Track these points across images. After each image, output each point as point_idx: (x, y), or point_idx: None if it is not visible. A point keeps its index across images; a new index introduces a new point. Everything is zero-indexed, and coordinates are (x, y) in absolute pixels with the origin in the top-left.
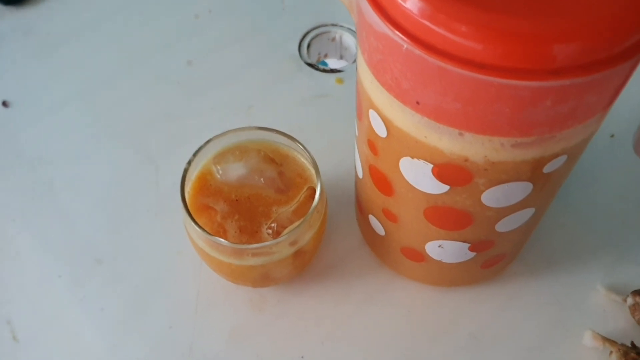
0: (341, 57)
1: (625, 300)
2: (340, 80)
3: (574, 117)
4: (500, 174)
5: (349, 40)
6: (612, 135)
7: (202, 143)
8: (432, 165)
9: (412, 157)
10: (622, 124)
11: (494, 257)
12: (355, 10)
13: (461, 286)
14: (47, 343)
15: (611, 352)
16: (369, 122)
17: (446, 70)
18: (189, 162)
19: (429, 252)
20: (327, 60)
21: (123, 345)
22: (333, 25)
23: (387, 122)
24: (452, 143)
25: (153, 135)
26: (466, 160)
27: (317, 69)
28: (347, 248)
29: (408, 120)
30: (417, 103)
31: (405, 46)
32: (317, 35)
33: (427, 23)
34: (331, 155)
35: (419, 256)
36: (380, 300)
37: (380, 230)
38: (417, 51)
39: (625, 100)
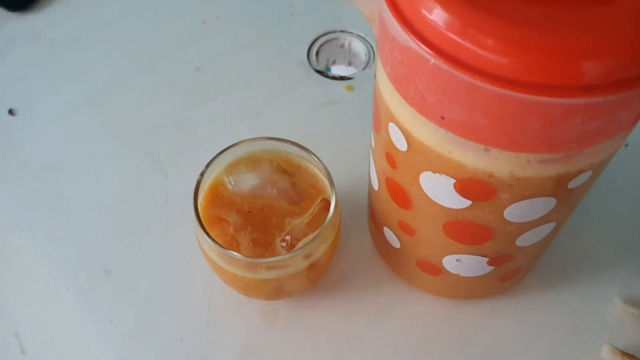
0: (350, 64)
1: None
2: (350, 88)
3: (604, 133)
4: (524, 190)
5: (358, 47)
6: (627, 145)
7: (210, 150)
8: (454, 181)
9: (434, 172)
10: (636, 133)
11: (512, 270)
12: (377, 22)
13: (477, 299)
14: (56, 356)
15: None
16: (388, 135)
17: (474, 85)
18: (202, 174)
19: (446, 266)
20: (335, 67)
21: (133, 358)
22: (342, 31)
23: (408, 136)
24: (476, 159)
25: (161, 142)
26: (491, 176)
27: (326, 76)
28: (359, 260)
29: (431, 135)
30: (442, 118)
31: (432, 61)
32: (326, 42)
33: (456, 37)
34: (341, 163)
35: (436, 270)
36: (394, 313)
37: (396, 243)
38: (445, 66)
39: None
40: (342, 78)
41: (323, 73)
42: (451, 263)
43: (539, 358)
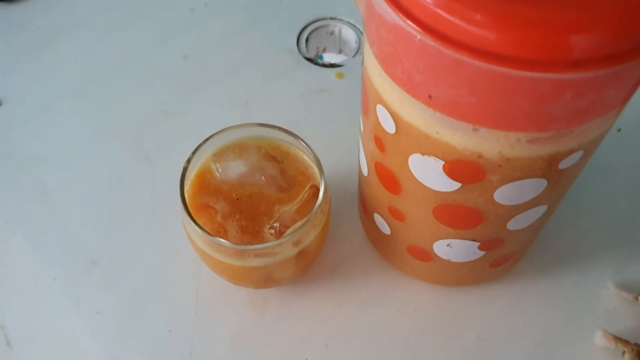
0: (340, 52)
1: (637, 298)
2: (340, 75)
3: (594, 111)
4: (514, 171)
5: (348, 34)
6: (619, 130)
7: (198, 140)
8: (443, 162)
9: (423, 154)
10: (629, 118)
11: (504, 255)
12: (363, 0)
13: (468, 286)
14: (42, 348)
15: (624, 352)
16: (376, 117)
17: (462, 62)
18: (188, 161)
19: (437, 252)
20: (326, 55)
21: (120, 349)
22: (332, 18)
23: (396, 117)
24: (465, 139)
25: (149, 132)
26: (480, 156)
27: (316, 63)
28: (350, 247)
29: (419, 116)
30: (430, 97)
31: (418, 37)
32: (315, 29)
33: (442, 12)
34: (332, 151)
35: (426, 255)
36: (385, 301)
37: (386, 229)
38: (432, 42)
39: None
40: (332, 65)
41: (313, 61)
42: (442, 248)
43: (532, 345)
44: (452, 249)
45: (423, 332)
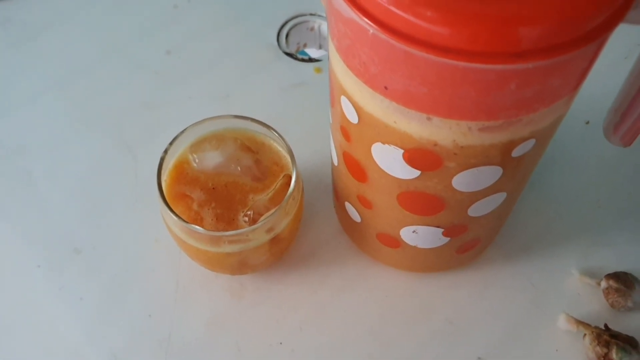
0: (320, 47)
1: (599, 284)
2: (318, 70)
3: (540, 101)
4: (469, 158)
5: (327, 29)
6: (588, 122)
7: (179, 132)
8: (402, 151)
9: (383, 143)
10: (598, 111)
11: (469, 242)
12: None
13: (437, 272)
14: (26, 333)
15: (585, 334)
16: (341, 108)
17: (412, 54)
18: (166, 151)
19: (404, 238)
20: (307, 50)
21: (102, 334)
22: (312, 14)
23: (358, 107)
24: (421, 128)
25: (131, 124)
26: (435, 144)
27: (296, 58)
28: (325, 236)
29: (377, 106)
30: (385, 88)
31: (371, 31)
32: (295, 25)
33: (393, 8)
34: (309, 144)
35: (394, 242)
36: (358, 287)
37: (356, 217)
38: (383, 36)
39: (601, 87)
40: (311, 60)
41: (292, 55)
42: (408, 235)
43: (498, 328)
44: (418, 235)
45: (393, 317)
